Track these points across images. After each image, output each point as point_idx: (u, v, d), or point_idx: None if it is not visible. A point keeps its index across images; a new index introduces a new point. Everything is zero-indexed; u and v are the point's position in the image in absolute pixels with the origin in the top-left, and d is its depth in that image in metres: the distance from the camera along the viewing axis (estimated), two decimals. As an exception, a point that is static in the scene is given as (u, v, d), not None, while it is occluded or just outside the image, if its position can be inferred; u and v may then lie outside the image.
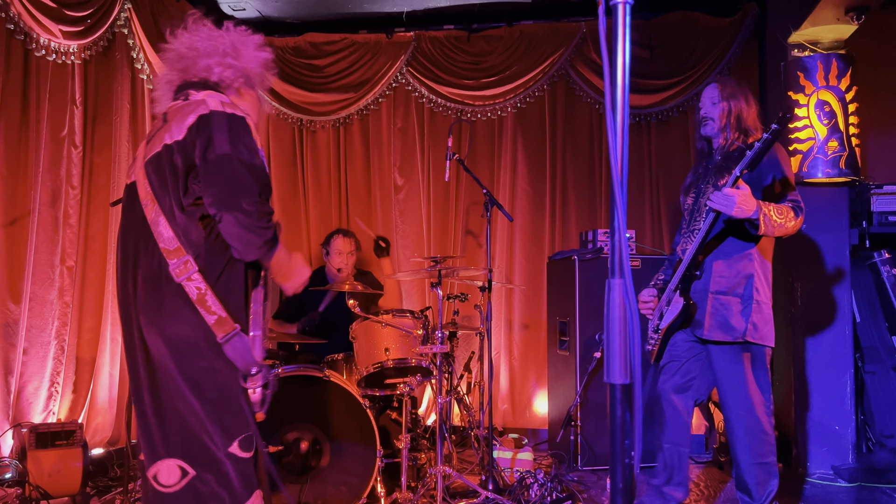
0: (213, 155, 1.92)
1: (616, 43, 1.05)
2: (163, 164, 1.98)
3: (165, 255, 1.93)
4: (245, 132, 2.00)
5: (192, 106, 2.03)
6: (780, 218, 2.74)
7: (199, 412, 1.92)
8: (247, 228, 1.90)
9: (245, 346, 1.95)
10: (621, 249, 1.04)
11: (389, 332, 3.54)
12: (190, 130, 1.97)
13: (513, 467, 3.93)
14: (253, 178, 1.94)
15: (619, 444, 1.02)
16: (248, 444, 1.96)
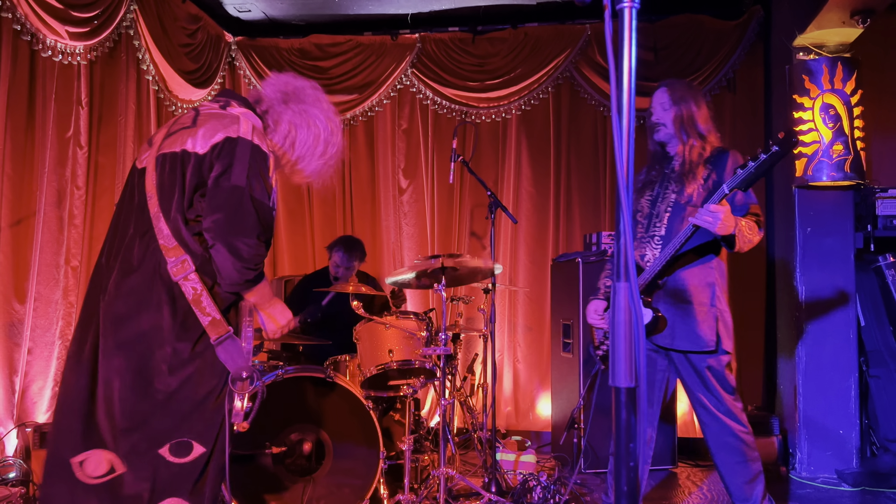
0: (226, 183, 1.91)
1: (622, 46, 1.05)
2: (175, 167, 1.97)
3: (164, 251, 1.92)
4: (265, 169, 1.99)
5: (226, 121, 2.00)
6: (749, 233, 2.73)
7: (145, 409, 1.90)
8: (233, 265, 1.90)
9: (238, 349, 1.95)
10: (627, 253, 1.04)
11: (393, 334, 3.54)
12: (213, 149, 1.95)
13: (516, 470, 3.93)
14: (257, 218, 1.92)
15: (625, 447, 1.02)
16: (180, 450, 1.92)
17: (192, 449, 1.93)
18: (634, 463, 1.01)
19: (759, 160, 2.46)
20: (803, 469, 4.20)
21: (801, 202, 4.32)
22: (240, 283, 1.94)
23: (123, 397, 1.90)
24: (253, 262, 1.91)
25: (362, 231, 5.34)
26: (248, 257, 1.90)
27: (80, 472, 1.90)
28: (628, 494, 0.99)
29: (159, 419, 1.91)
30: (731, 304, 4.80)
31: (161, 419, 1.91)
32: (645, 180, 3.08)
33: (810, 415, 4.22)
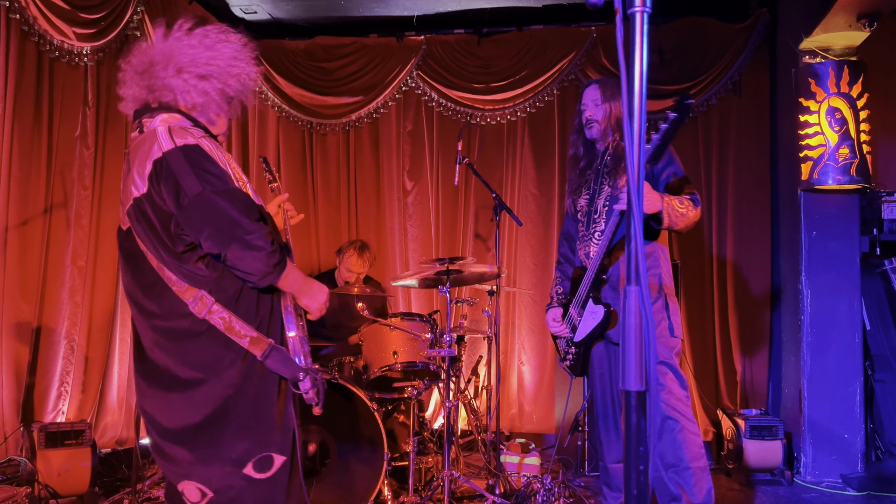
0: (186, 200, 1.84)
1: (634, 50, 1.05)
2: (139, 217, 1.94)
3: (181, 295, 1.91)
4: (205, 160, 1.90)
5: (146, 146, 1.93)
6: (681, 208, 2.69)
7: (219, 438, 1.93)
8: (252, 258, 1.86)
9: (285, 357, 1.95)
10: (637, 257, 1.04)
11: (398, 336, 3.54)
12: (150, 181, 1.89)
13: (520, 472, 3.92)
14: (235, 205, 1.86)
15: (634, 450, 1.02)
16: (263, 466, 1.95)
17: (273, 461, 1.96)
18: (644, 466, 1.01)
19: (661, 131, 2.41)
20: (808, 473, 4.19)
21: (807, 206, 4.31)
22: (271, 272, 1.90)
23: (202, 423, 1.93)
24: (264, 239, 1.87)
25: (367, 233, 5.34)
26: (255, 237, 1.85)
27: (188, 500, 1.97)
28: (638, 497, 0.99)
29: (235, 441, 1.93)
30: (737, 307, 4.83)
31: (238, 440, 1.93)
32: (577, 183, 3.06)
33: (815, 419, 4.21)
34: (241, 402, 1.93)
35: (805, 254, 4.29)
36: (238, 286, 1.95)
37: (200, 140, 1.94)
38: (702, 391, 4.84)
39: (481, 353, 4.92)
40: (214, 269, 1.93)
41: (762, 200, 4.87)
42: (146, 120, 2.01)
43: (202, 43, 2.05)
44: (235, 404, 1.93)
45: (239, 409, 1.93)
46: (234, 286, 1.94)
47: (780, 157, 4.75)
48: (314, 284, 2.09)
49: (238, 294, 1.95)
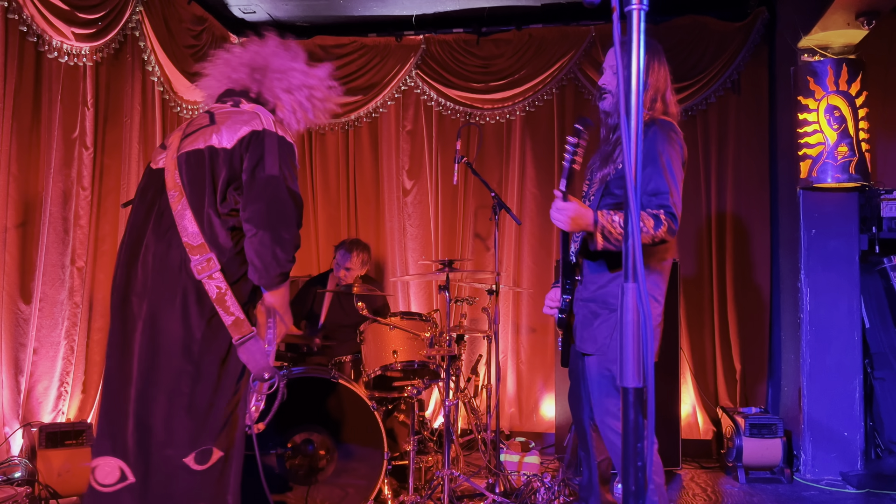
0: (262, 174, 1.93)
1: (630, 48, 1.05)
2: (202, 163, 1.98)
3: (188, 249, 1.91)
4: (293, 159, 2.03)
5: (245, 116, 2.03)
6: (622, 228, 2.28)
7: (165, 414, 1.91)
8: (273, 253, 1.90)
9: (260, 349, 1.95)
10: (635, 254, 1.04)
11: (397, 335, 3.54)
12: (241, 143, 1.97)
13: (520, 471, 3.93)
14: (294, 206, 1.96)
15: (632, 446, 1.02)
16: (203, 458, 1.93)
17: (211, 455, 1.94)
18: (642, 462, 1.01)
19: (565, 160, 2.31)
20: (807, 471, 4.20)
21: (806, 204, 4.31)
22: (276, 275, 1.93)
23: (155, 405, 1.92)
24: (291, 250, 1.93)
25: (366, 232, 5.35)
26: (289, 243, 1.92)
27: (92, 479, 1.93)
28: (636, 494, 1.00)
29: (185, 424, 1.92)
30: (736, 306, 4.83)
31: (187, 424, 1.92)
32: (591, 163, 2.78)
33: (815, 417, 4.22)
34: (197, 384, 1.92)
35: (804, 252, 4.30)
36: (240, 273, 1.98)
37: (293, 144, 2.09)
38: (701, 390, 4.85)
39: (481, 352, 4.92)
40: (236, 245, 1.97)
41: (761, 199, 4.87)
42: (243, 101, 2.13)
43: (312, 74, 2.28)
44: (193, 385, 1.92)
45: (196, 392, 1.92)
46: (238, 272, 1.97)
47: (778, 156, 4.75)
48: (288, 312, 2.13)
49: (238, 280, 1.97)
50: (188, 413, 1.91)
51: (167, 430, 1.91)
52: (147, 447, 1.92)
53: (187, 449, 1.91)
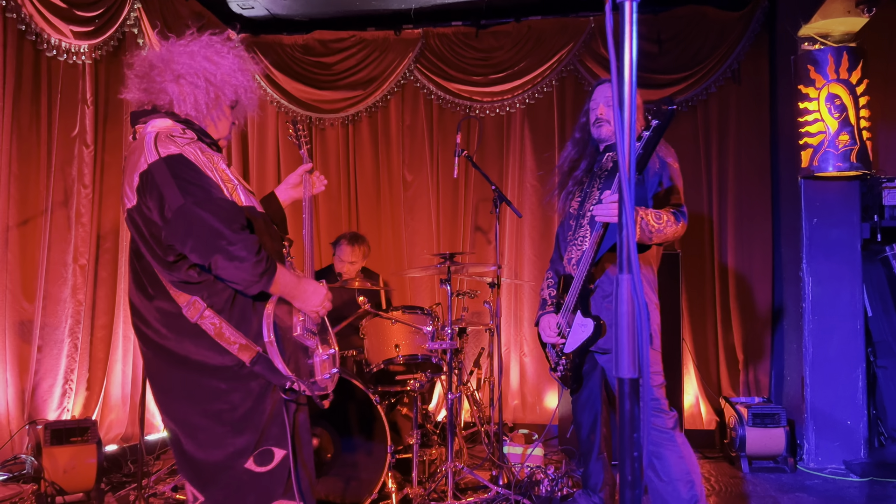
0: (169, 213, 1.86)
1: (623, 41, 1.05)
2: (133, 227, 1.98)
3: (175, 298, 1.95)
4: (189, 170, 1.91)
5: (135, 156, 1.96)
6: (657, 223, 2.57)
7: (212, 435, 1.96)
8: (235, 268, 1.86)
9: (270, 366, 1.95)
10: (629, 246, 1.04)
11: (399, 329, 3.55)
12: (139, 193, 1.92)
13: (523, 463, 3.94)
14: (217, 216, 1.86)
15: (628, 437, 1.03)
16: (263, 459, 1.98)
17: (273, 455, 1.99)
18: (638, 453, 1.02)
19: (643, 140, 2.37)
20: (811, 460, 4.20)
21: (807, 193, 4.30)
22: (258, 281, 1.91)
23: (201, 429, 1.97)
24: (248, 248, 1.86)
25: (367, 226, 5.35)
26: (238, 247, 1.85)
27: None
28: (632, 483, 1.00)
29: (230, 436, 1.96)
30: (738, 296, 4.83)
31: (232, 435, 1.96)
32: (577, 183, 2.96)
33: (818, 406, 4.22)
34: (234, 398, 1.96)
35: (806, 241, 4.29)
36: (229, 294, 1.97)
37: (184, 148, 1.95)
38: (704, 380, 4.85)
39: (483, 346, 4.93)
40: (205, 275, 1.94)
41: (762, 188, 4.86)
42: (139, 127, 2.05)
43: (202, 52, 2.08)
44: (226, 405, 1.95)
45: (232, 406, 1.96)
46: (227, 290, 1.96)
47: (780, 145, 4.74)
48: (308, 286, 2.08)
49: (232, 299, 1.97)
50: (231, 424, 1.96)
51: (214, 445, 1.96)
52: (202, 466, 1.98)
53: (244, 454, 1.96)
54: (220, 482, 1.97)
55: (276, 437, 1.99)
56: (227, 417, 1.95)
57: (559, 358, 2.89)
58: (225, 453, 1.96)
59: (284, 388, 1.98)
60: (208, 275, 1.93)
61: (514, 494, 3.41)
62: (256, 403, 1.97)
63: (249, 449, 1.97)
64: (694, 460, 2.73)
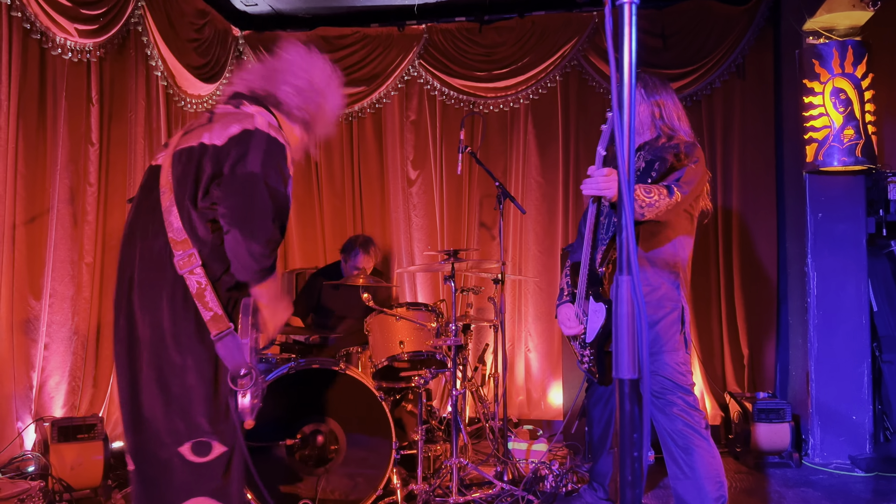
0: (242, 170, 1.92)
1: (622, 42, 1.05)
2: (192, 159, 1.99)
3: (172, 244, 1.94)
4: (281, 158, 2.01)
5: (241, 117, 2.04)
6: (647, 198, 2.52)
7: (158, 406, 1.94)
8: (248, 251, 1.89)
9: (237, 345, 1.94)
10: (629, 247, 1.05)
11: (404, 325, 3.56)
12: (230, 140, 1.97)
13: (528, 458, 3.95)
14: (273, 204, 1.93)
15: (628, 436, 1.03)
16: (200, 450, 1.95)
17: (211, 448, 1.96)
18: (639, 453, 1.02)
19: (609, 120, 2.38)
20: (816, 455, 4.20)
21: (812, 188, 4.29)
22: (256, 272, 1.94)
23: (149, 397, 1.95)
24: (267, 246, 1.91)
25: (372, 223, 5.36)
26: (263, 240, 1.90)
27: None
28: (632, 483, 1.01)
29: (177, 415, 1.94)
30: (743, 291, 4.83)
31: (178, 415, 1.94)
32: None
33: (823, 401, 4.22)
34: (188, 378, 1.94)
35: (811, 236, 4.28)
36: (223, 268, 1.98)
37: (287, 146, 2.06)
38: (709, 375, 4.85)
39: (488, 342, 4.94)
40: (217, 239, 1.97)
41: (767, 183, 4.85)
42: (246, 103, 2.14)
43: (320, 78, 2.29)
44: (183, 376, 1.94)
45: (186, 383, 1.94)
46: (221, 266, 1.98)
47: (784, 140, 4.73)
48: (282, 304, 2.12)
49: (220, 276, 1.98)
50: (179, 404, 1.94)
51: (159, 420, 1.94)
52: (140, 437, 1.96)
53: (182, 439, 1.94)
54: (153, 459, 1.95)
55: (221, 431, 1.97)
56: (177, 394, 1.93)
57: (583, 349, 2.87)
58: (167, 430, 1.94)
59: (237, 376, 1.94)
60: (218, 240, 1.96)
61: (518, 490, 3.42)
62: (208, 390, 1.96)
63: (189, 434, 1.94)
64: (721, 463, 2.73)
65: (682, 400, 2.70)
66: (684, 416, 2.69)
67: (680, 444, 2.69)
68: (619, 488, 1.02)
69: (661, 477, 3.76)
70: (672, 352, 2.72)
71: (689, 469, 2.68)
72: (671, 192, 2.58)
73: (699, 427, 2.70)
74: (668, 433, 2.71)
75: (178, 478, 1.94)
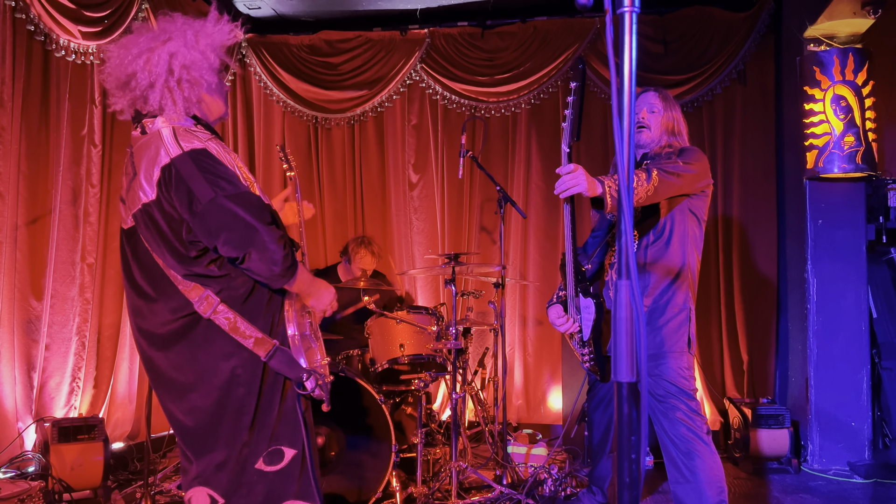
0: (199, 206, 1.84)
1: (623, 50, 1.06)
2: (148, 223, 1.93)
3: (186, 294, 1.92)
4: (214, 163, 1.89)
5: (151, 150, 1.91)
6: None
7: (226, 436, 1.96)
8: (269, 260, 1.87)
9: (289, 358, 1.97)
10: (628, 252, 1.06)
11: (404, 329, 3.57)
12: (159, 187, 1.87)
13: (527, 462, 3.95)
14: (249, 210, 1.86)
15: (626, 439, 1.04)
16: (273, 459, 1.98)
17: (283, 455, 1.99)
18: (636, 455, 1.03)
19: (569, 106, 2.37)
20: (815, 461, 4.21)
21: (813, 194, 4.30)
22: (284, 275, 1.92)
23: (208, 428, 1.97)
24: (278, 243, 1.89)
25: (373, 226, 5.37)
26: (275, 246, 1.87)
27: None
28: (630, 486, 1.02)
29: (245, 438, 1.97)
30: (743, 297, 4.83)
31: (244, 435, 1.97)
32: None
33: (822, 407, 4.22)
34: (248, 398, 1.96)
35: (811, 242, 4.29)
36: (249, 286, 1.97)
37: (207, 143, 1.93)
38: (708, 380, 4.86)
39: (488, 345, 4.95)
40: (226, 269, 1.94)
41: (768, 190, 4.86)
42: (147, 121, 1.98)
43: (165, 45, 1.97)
44: (240, 400, 1.95)
45: (244, 405, 1.96)
46: (245, 285, 1.96)
47: (785, 146, 4.74)
48: (321, 285, 2.11)
49: (248, 293, 1.97)
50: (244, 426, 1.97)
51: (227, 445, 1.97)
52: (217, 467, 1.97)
53: (253, 456, 1.96)
54: (231, 478, 1.97)
55: (287, 436, 2.00)
56: (233, 413, 1.96)
57: (582, 348, 2.88)
58: (236, 448, 1.96)
59: (300, 383, 1.98)
60: (229, 269, 1.93)
61: (517, 494, 3.42)
62: (267, 402, 1.98)
63: (261, 448, 1.97)
64: (722, 468, 2.74)
65: (685, 405, 2.71)
66: (687, 420, 2.70)
67: (682, 449, 2.70)
68: (617, 490, 1.03)
69: (661, 482, 3.77)
70: (677, 356, 2.73)
71: (689, 473, 2.69)
72: (649, 175, 2.55)
73: (701, 432, 2.71)
74: (670, 437, 2.72)
75: (261, 490, 1.97)
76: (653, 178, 2.54)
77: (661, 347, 2.74)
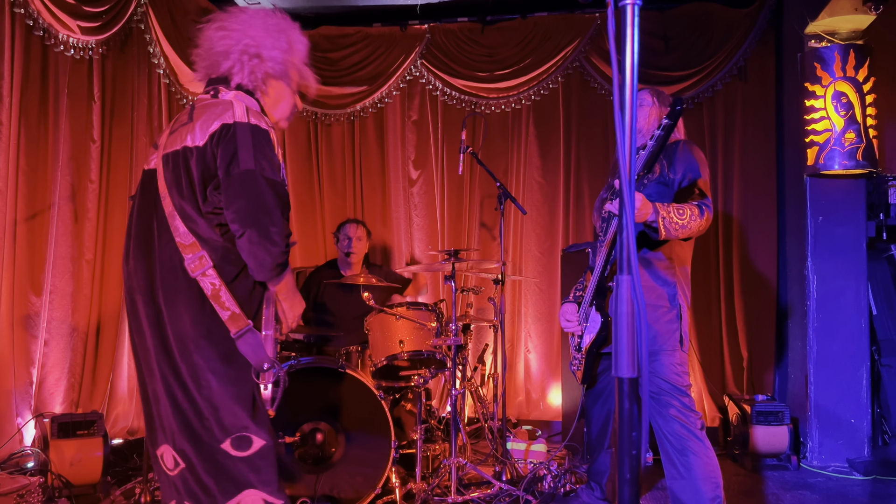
0: (236, 170, 1.91)
1: (625, 44, 1.06)
2: (179, 164, 1.98)
3: (181, 249, 1.95)
4: (268, 146, 1.99)
5: (219, 108, 2.01)
6: (680, 219, 2.60)
7: (198, 405, 1.96)
8: (264, 249, 1.91)
9: (257, 342, 1.98)
10: (629, 247, 1.05)
11: (404, 325, 3.57)
12: (211, 138, 1.95)
13: (526, 459, 3.95)
14: (276, 197, 1.94)
15: (627, 435, 1.04)
16: (241, 444, 1.97)
17: (252, 442, 1.98)
18: (637, 451, 1.03)
19: (655, 137, 2.39)
20: (814, 458, 4.21)
21: (813, 191, 4.30)
22: (272, 269, 1.95)
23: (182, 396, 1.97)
24: (282, 241, 1.93)
25: (372, 222, 5.36)
26: (276, 234, 1.91)
27: (162, 464, 2.03)
28: (631, 482, 1.01)
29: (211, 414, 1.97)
30: (743, 293, 4.83)
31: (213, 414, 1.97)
32: (610, 184, 3.03)
33: (822, 404, 4.22)
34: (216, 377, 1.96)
35: (811, 239, 4.29)
36: (238, 268, 1.99)
37: (270, 129, 2.04)
38: (708, 377, 4.86)
39: (487, 342, 4.95)
40: (227, 241, 1.98)
41: (768, 186, 4.85)
42: (222, 88, 2.10)
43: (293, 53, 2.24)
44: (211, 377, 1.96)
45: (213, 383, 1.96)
46: (236, 268, 1.99)
47: (786, 143, 4.73)
48: (298, 296, 2.16)
49: (236, 276, 1.99)
50: (212, 403, 1.96)
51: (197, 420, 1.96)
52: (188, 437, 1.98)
53: (221, 436, 1.96)
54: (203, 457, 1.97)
55: (258, 424, 2.00)
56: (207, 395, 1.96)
57: (576, 352, 2.94)
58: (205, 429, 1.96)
59: (260, 370, 1.97)
60: (228, 242, 1.97)
61: (517, 490, 3.42)
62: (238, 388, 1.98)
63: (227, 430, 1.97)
64: (717, 464, 2.74)
65: (679, 401, 2.71)
66: (681, 417, 2.70)
67: (676, 446, 2.70)
68: (618, 486, 1.03)
69: (659, 478, 3.76)
70: (670, 352, 2.74)
71: (685, 470, 2.69)
72: (702, 212, 2.66)
73: (695, 428, 2.71)
74: (665, 434, 2.72)
75: (226, 472, 1.97)
76: (705, 217, 2.67)
77: (653, 345, 2.75)
